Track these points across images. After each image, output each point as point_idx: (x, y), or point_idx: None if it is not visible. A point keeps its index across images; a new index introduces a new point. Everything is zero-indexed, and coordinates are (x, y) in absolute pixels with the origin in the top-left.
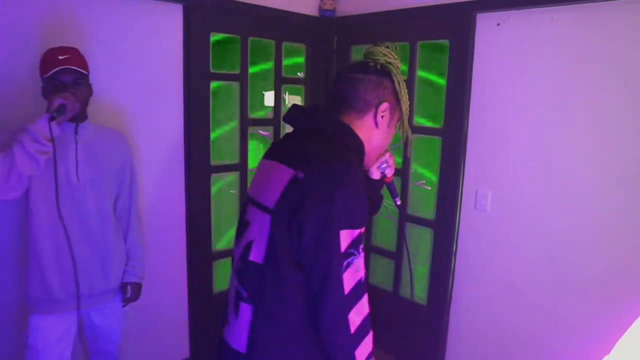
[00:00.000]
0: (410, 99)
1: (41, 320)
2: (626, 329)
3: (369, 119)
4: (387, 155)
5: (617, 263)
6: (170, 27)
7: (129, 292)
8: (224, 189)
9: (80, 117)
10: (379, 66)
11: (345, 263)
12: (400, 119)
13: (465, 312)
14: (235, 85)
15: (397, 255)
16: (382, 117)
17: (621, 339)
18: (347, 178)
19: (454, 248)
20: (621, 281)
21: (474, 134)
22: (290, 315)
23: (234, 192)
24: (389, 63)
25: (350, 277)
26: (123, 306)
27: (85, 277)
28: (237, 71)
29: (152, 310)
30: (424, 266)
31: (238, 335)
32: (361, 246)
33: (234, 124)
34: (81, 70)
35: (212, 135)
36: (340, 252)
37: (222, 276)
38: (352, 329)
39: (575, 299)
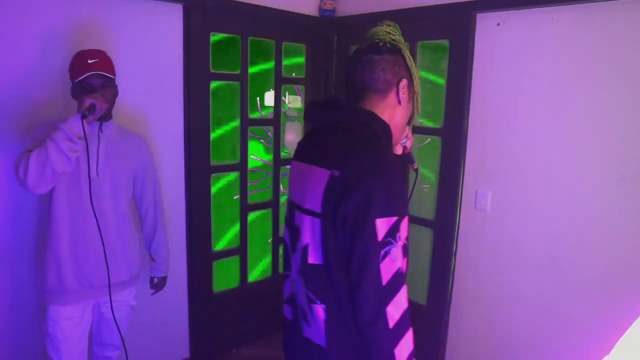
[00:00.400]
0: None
1: (58, 310)
2: (626, 329)
3: (391, 98)
4: (407, 129)
5: (617, 263)
6: (170, 27)
7: (156, 283)
8: (224, 189)
9: (106, 116)
10: (388, 45)
11: (382, 252)
12: (414, 92)
13: (465, 312)
14: (235, 85)
15: None
16: (403, 93)
17: (621, 339)
18: (382, 166)
19: (454, 248)
20: (621, 281)
21: (474, 134)
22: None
23: (237, 197)
24: (396, 40)
25: (388, 267)
26: (152, 294)
27: (99, 268)
28: (237, 71)
29: (152, 310)
30: (424, 266)
31: (317, 333)
32: (399, 234)
33: (234, 124)
34: (109, 75)
35: (212, 135)
36: (378, 240)
37: (222, 276)
38: (391, 324)
39: (576, 298)
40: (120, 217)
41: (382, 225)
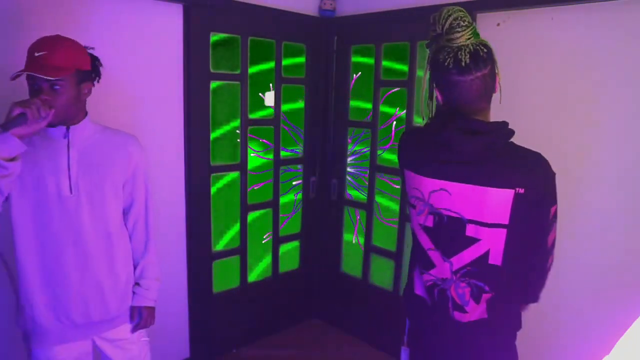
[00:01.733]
0: (410, 99)
1: (45, 351)
2: (626, 329)
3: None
4: None
5: (617, 263)
6: (170, 27)
7: (138, 316)
8: (224, 189)
9: (71, 119)
10: (484, 48)
11: (552, 227)
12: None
13: None
14: (235, 85)
15: (397, 255)
16: (498, 86)
17: (621, 339)
18: (544, 164)
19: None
20: (621, 281)
21: None
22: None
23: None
24: (485, 42)
25: (552, 236)
26: (132, 331)
27: (81, 303)
28: (237, 71)
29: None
30: None
31: (479, 312)
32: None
33: (234, 124)
34: (52, 76)
35: (212, 135)
36: (549, 219)
37: (222, 276)
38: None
39: (575, 299)
40: (105, 240)
41: (554, 211)
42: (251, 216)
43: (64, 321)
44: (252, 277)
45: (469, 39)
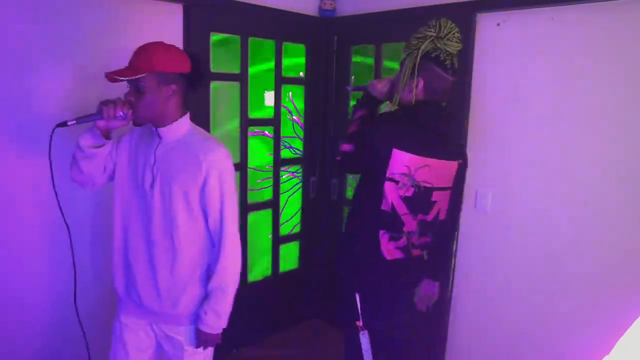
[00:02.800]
0: None
1: (120, 317)
2: (626, 329)
3: None
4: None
5: (617, 263)
6: (170, 27)
7: (201, 339)
8: None
9: (158, 119)
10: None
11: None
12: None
13: (466, 313)
14: (236, 85)
15: None
16: None
17: (621, 339)
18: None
19: (454, 248)
20: (621, 281)
21: (474, 135)
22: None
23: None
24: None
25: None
26: (196, 346)
27: (140, 290)
28: (237, 71)
29: None
30: None
31: (421, 253)
32: None
33: (234, 124)
34: (132, 73)
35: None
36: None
37: None
38: None
39: (576, 298)
40: (169, 240)
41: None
42: (251, 216)
43: (132, 296)
44: (252, 277)
45: (457, 50)
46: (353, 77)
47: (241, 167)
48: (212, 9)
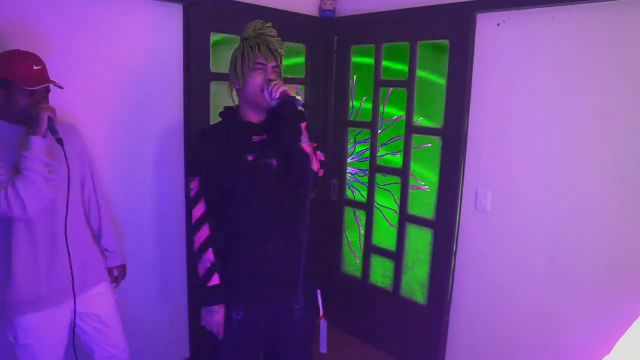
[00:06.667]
0: (410, 98)
1: (29, 319)
2: (626, 329)
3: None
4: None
5: (617, 263)
6: (170, 27)
7: (116, 273)
8: None
9: None
10: None
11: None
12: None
13: (465, 312)
14: None
15: (397, 255)
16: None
17: (621, 339)
18: None
19: (454, 248)
20: (621, 281)
21: (474, 134)
22: None
23: None
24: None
25: None
26: (115, 287)
27: (65, 268)
28: None
29: (153, 310)
30: (424, 266)
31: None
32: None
33: None
34: (54, 82)
35: None
36: None
37: None
38: None
39: (575, 298)
40: (80, 210)
41: None
42: None
43: (55, 287)
44: None
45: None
46: (355, 76)
47: None
48: (212, 9)
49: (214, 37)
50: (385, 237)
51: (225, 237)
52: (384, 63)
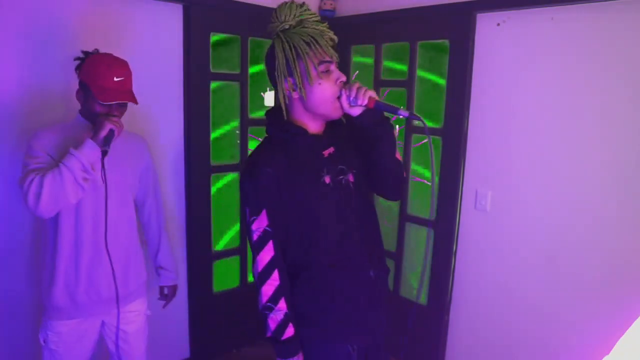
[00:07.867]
0: (410, 98)
1: (63, 326)
2: (626, 329)
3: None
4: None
5: (617, 263)
6: (170, 27)
7: (167, 292)
8: (224, 189)
9: None
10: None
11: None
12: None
13: (465, 312)
14: (235, 85)
15: (397, 255)
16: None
17: (621, 339)
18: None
19: (454, 248)
20: (621, 281)
21: (474, 134)
22: None
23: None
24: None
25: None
26: (164, 306)
27: (109, 280)
28: (237, 71)
29: (153, 311)
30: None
31: None
32: None
33: (234, 124)
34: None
35: (212, 135)
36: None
37: (222, 276)
38: None
39: (575, 298)
40: (128, 225)
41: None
42: None
43: (93, 298)
44: (252, 277)
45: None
46: (357, 72)
47: (241, 167)
48: (212, 9)
49: (214, 37)
50: (385, 237)
51: (309, 272)
52: (384, 63)
